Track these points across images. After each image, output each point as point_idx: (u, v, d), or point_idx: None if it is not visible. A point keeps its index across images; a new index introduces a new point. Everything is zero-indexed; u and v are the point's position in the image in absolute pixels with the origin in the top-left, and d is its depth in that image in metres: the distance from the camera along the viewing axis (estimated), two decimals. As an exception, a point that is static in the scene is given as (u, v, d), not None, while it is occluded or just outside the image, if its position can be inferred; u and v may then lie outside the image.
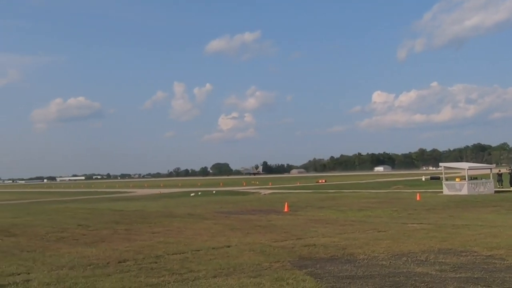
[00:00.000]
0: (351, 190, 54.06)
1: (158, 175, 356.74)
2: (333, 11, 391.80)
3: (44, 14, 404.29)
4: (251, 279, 9.35)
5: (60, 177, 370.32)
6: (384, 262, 10.81)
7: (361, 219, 20.80)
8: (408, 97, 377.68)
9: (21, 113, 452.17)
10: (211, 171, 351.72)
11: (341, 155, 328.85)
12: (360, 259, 11.23)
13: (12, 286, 9.28)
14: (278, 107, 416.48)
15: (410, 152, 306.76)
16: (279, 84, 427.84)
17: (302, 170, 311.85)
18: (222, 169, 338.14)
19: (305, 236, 15.51)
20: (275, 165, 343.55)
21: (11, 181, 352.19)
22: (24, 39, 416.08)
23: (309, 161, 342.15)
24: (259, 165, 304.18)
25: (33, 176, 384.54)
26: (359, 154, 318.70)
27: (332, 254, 12.10)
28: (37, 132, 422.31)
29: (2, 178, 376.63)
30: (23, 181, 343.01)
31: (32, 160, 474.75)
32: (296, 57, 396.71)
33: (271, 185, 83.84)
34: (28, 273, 10.51)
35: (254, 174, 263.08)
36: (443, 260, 10.83)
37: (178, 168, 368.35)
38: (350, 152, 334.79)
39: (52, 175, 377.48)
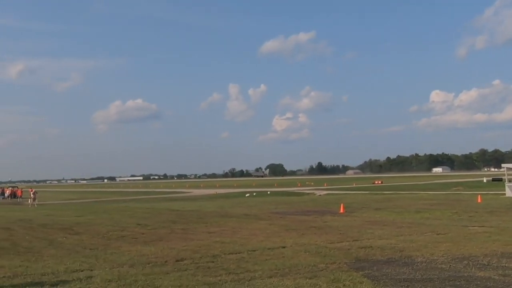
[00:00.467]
0: (408, 192, 52.94)
1: (213, 175, 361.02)
2: (389, 9, 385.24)
3: (103, 19, 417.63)
4: (307, 280, 9.34)
5: (120, 177, 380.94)
6: (443, 266, 10.54)
7: (419, 221, 20.35)
8: (468, 96, 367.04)
9: (83, 115, 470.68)
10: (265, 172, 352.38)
11: (398, 156, 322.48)
12: (418, 262, 11.01)
13: (76, 282, 9.64)
14: (333, 107, 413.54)
15: (470, 153, 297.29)
16: (334, 84, 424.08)
17: (357, 171, 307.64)
18: (276, 169, 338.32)
19: (362, 238, 15.34)
20: (330, 165, 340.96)
21: (73, 181, 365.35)
22: (85, 44, 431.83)
23: (365, 161, 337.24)
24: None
25: (94, 176, 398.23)
26: (417, 154, 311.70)
27: (389, 256, 11.92)
28: (98, 133, 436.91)
29: (65, 178, 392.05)
30: (85, 181, 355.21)
31: (94, 161, 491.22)
32: (352, 57, 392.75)
33: (326, 186, 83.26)
34: (91, 270, 10.90)
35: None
36: (506, 265, 10.47)
37: (234, 169, 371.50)
38: (407, 152, 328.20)
39: (112, 175, 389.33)
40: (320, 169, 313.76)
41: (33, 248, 14.73)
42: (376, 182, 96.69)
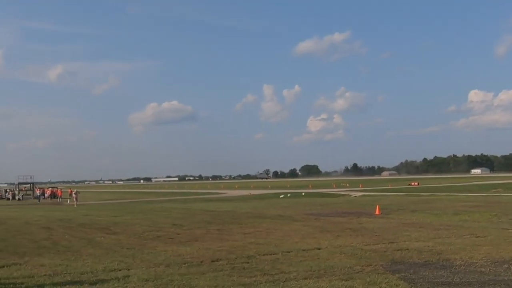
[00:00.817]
0: (445, 193, 51.97)
1: (248, 176, 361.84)
2: (424, 8, 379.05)
3: (139, 22, 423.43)
4: (343, 282, 9.29)
5: (155, 178, 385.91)
6: (483, 269, 10.32)
7: (457, 224, 19.97)
8: (508, 95, 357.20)
9: (120, 117, 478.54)
10: (300, 173, 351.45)
11: (435, 157, 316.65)
12: (456, 265, 10.80)
13: (114, 281, 9.82)
14: (369, 108, 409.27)
15: (510, 154, 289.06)
16: (369, 85, 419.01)
17: (393, 172, 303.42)
18: (311, 171, 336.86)
19: (398, 240, 15.14)
20: (366, 166, 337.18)
21: (110, 182, 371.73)
22: (122, 47, 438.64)
23: (401, 163, 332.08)
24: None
25: (131, 177, 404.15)
26: (454, 155, 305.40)
27: (427, 259, 11.73)
28: (135, 134, 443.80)
29: (103, 179, 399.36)
30: (121, 182, 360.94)
31: (130, 162, 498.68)
32: (387, 57, 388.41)
33: (362, 187, 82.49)
34: (128, 269, 11.08)
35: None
36: (549, 269, 10.17)
37: (268, 170, 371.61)
38: (444, 153, 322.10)
39: (148, 176, 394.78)
40: (355, 170, 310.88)
41: (73, 247, 15.06)
42: (413, 183, 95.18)
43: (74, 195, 47.83)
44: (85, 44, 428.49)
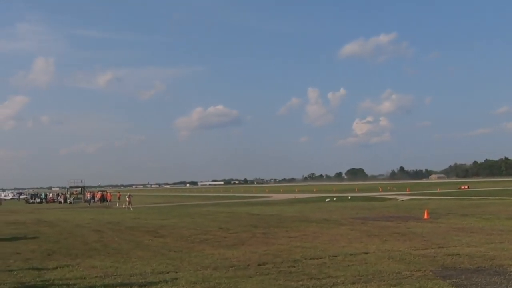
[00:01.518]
0: (498, 197, 50.32)
1: (292, 180, 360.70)
2: (473, 8, 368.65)
3: (184, 28, 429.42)
4: (391, 287, 9.14)
5: (201, 181, 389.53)
6: (539, 276, 9.94)
7: (510, 229, 19.29)
8: None
9: (166, 122, 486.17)
10: (345, 177, 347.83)
11: (486, 160, 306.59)
12: (511, 272, 10.45)
13: (163, 284, 9.97)
14: (415, 110, 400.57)
15: None
16: (416, 86, 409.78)
17: (442, 175, 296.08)
18: (357, 174, 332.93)
19: (448, 245, 14.77)
20: (413, 170, 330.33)
21: (157, 186, 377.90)
22: (167, 52, 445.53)
23: (450, 166, 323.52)
24: None
25: (177, 181, 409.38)
26: (506, 158, 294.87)
27: (479, 264, 11.39)
28: (181, 139, 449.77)
29: (150, 183, 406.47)
30: (168, 186, 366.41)
31: (176, 166, 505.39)
32: (435, 57, 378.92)
33: (409, 191, 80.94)
34: (176, 272, 11.22)
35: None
36: None
37: (313, 173, 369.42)
38: (496, 156, 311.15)
39: (194, 180, 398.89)
40: (402, 173, 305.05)
41: (122, 250, 15.40)
42: (462, 187, 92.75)
43: (127, 198, 48.92)
44: (132, 50, 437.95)
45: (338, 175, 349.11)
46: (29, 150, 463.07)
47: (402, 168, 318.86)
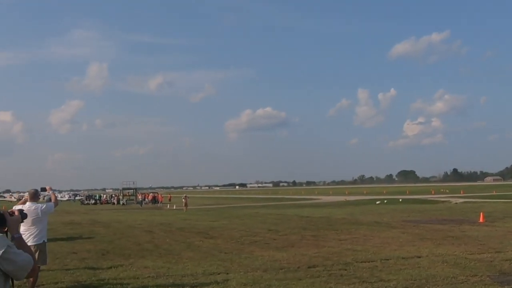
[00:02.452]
0: (558, 200, 48.23)
1: (342, 182, 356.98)
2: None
3: (232, 32, 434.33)
4: (446, 292, 8.90)
5: (250, 183, 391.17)
6: None
7: None
8: None
9: (216, 124, 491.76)
10: (396, 179, 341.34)
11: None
12: None
13: (214, 285, 10.07)
14: (469, 110, 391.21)
15: None
16: (470, 86, 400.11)
17: (498, 177, 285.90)
18: (408, 176, 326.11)
19: (506, 250, 14.23)
20: (467, 172, 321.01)
21: (207, 187, 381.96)
22: (217, 56, 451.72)
23: (507, 167, 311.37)
24: None
25: (227, 183, 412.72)
26: None
27: (539, 270, 10.94)
28: (230, 141, 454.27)
29: (200, 185, 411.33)
30: (217, 188, 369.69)
31: (226, 168, 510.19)
32: (490, 56, 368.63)
33: (463, 193, 78.63)
34: (227, 273, 11.31)
35: None
36: None
37: (363, 176, 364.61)
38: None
39: (243, 181, 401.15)
40: (456, 175, 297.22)
41: (173, 251, 15.64)
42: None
43: (183, 200, 49.75)
44: (182, 54, 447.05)
45: (389, 177, 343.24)
46: (84, 152, 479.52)
47: (455, 170, 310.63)
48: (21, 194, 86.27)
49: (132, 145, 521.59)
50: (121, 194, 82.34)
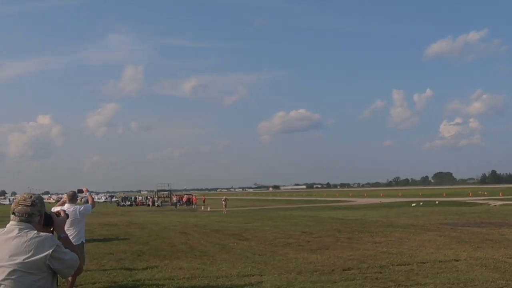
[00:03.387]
0: None
1: (377, 184, 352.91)
2: None
3: (264, 34, 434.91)
4: (485, 297, 8.70)
5: (284, 185, 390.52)
6: None
7: None
8: None
9: (249, 126, 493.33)
10: (432, 181, 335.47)
11: None
12: None
13: (248, 287, 10.09)
14: (509, 111, 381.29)
15: None
16: (509, 85, 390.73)
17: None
18: (444, 178, 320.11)
19: (548, 254, 13.83)
20: (506, 174, 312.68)
21: (241, 189, 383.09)
22: (250, 58, 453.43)
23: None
24: None
25: (260, 185, 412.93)
26: None
27: None
28: (263, 143, 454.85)
29: (234, 187, 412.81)
30: (251, 190, 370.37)
31: (259, 170, 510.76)
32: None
33: (502, 195, 76.73)
34: (261, 275, 11.30)
35: None
36: None
37: (398, 178, 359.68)
38: None
39: (276, 184, 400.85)
40: (494, 177, 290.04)
41: (208, 252, 15.73)
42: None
43: (223, 202, 50.12)
44: (216, 57, 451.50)
45: (425, 179, 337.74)
46: (120, 155, 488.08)
47: (494, 172, 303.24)
48: (60, 195, 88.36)
49: (166, 147, 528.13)
50: (156, 196, 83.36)
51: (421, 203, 58.74)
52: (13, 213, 3.34)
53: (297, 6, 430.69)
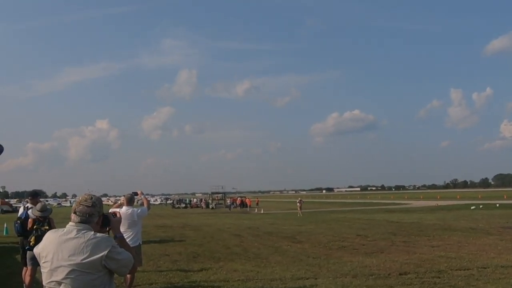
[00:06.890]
0: None
1: (433, 186, 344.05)
2: None
3: (317, 34, 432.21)
4: (551, 304, 8.31)
5: (337, 188, 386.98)
6: None
7: None
8: None
9: (301, 128, 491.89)
10: (492, 183, 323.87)
11: None
12: None
13: (302, 289, 10.05)
14: None
15: None
16: None
17: None
18: (505, 180, 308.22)
19: None
20: None
21: (294, 192, 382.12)
22: (302, 59, 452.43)
23: None
24: None
25: (313, 187, 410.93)
26: None
27: None
28: (316, 145, 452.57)
29: (286, 189, 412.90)
30: (304, 192, 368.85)
31: (312, 172, 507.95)
32: None
33: None
34: (315, 278, 11.22)
35: None
36: None
37: (456, 179, 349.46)
38: None
39: (330, 186, 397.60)
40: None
41: (261, 255, 15.76)
42: None
43: (298, 203, 50.13)
44: (268, 59, 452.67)
45: (484, 181, 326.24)
46: (174, 157, 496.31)
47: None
48: (117, 198, 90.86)
49: (219, 149, 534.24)
50: (210, 198, 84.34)
51: (480, 206, 56.74)
52: (75, 213, 3.50)
53: (349, 4, 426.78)
